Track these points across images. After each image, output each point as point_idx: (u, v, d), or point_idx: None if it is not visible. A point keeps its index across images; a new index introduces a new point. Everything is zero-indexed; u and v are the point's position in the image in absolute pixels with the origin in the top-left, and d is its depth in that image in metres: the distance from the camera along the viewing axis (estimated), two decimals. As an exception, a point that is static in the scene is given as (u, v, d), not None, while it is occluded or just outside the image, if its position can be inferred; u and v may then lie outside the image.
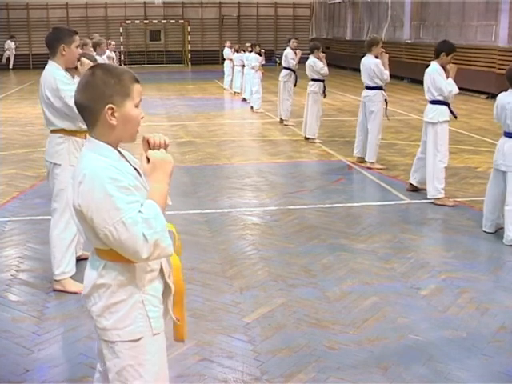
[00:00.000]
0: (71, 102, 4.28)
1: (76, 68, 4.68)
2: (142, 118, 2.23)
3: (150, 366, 2.24)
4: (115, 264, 2.16)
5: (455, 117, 7.01)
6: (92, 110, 2.14)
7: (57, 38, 4.46)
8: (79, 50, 4.60)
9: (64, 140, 4.52)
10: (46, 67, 4.52)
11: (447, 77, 6.67)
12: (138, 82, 2.22)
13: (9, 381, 3.44)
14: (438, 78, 6.66)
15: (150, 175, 2.16)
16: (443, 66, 6.74)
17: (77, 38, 4.51)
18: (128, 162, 2.24)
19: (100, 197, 2.04)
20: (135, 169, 2.25)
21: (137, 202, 2.07)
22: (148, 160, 2.18)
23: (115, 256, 2.14)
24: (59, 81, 4.38)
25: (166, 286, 2.31)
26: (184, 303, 2.35)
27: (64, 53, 4.43)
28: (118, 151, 2.22)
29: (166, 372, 2.38)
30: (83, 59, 4.59)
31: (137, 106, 2.20)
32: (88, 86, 2.15)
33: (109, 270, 2.17)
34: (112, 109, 2.12)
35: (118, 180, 2.06)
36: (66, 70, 4.53)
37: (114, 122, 2.14)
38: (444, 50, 6.75)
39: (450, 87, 6.64)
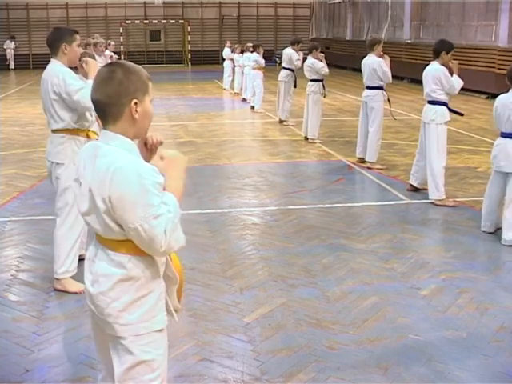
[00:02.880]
0: (76, 97, 4.31)
1: (76, 68, 4.68)
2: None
3: (161, 361, 2.28)
4: (141, 257, 2.19)
5: (461, 114, 7.12)
6: (117, 104, 2.17)
7: (58, 38, 4.47)
8: (81, 49, 4.63)
9: (67, 139, 4.52)
10: (49, 66, 4.51)
11: (451, 74, 6.76)
12: (150, 80, 2.29)
13: (9, 381, 3.44)
14: (446, 77, 6.70)
15: (167, 172, 2.21)
16: (444, 65, 6.79)
17: (78, 37, 4.52)
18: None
19: (136, 191, 2.07)
20: None
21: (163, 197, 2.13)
22: (161, 158, 2.26)
23: (139, 250, 2.17)
24: (66, 76, 4.38)
25: (166, 279, 2.34)
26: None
27: (66, 52, 4.44)
28: None
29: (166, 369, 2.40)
30: (87, 59, 4.59)
31: (150, 102, 2.27)
32: (111, 81, 2.18)
33: (136, 264, 2.19)
34: (136, 104, 2.18)
35: (152, 176, 2.11)
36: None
37: (137, 116, 2.19)
38: (444, 48, 6.78)
39: (457, 84, 6.75)
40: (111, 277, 2.19)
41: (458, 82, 6.76)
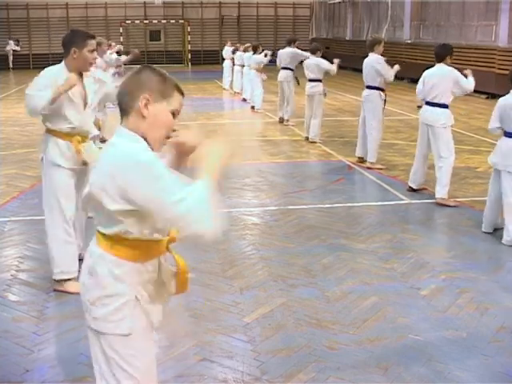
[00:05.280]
0: (26, 100, 4.32)
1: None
2: (174, 130, 2.25)
3: (135, 362, 2.22)
4: (114, 257, 2.17)
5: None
6: (130, 96, 2.18)
7: (70, 41, 4.40)
8: (94, 55, 4.47)
9: (46, 137, 4.52)
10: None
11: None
12: (181, 93, 2.28)
13: (9, 381, 3.44)
14: (462, 77, 6.85)
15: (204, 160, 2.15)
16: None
17: (91, 42, 4.40)
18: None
19: (147, 177, 2.03)
20: None
21: (179, 180, 2.07)
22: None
23: (115, 249, 2.16)
24: (35, 81, 4.37)
25: (162, 286, 2.30)
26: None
27: (75, 56, 4.36)
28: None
29: (154, 372, 2.35)
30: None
31: (173, 115, 2.23)
32: (133, 76, 2.23)
33: (106, 260, 2.17)
34: (147, 99, 2.16)
35: (157, 160, 2.09)
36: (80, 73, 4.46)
37: (145, 112, 2.17)
38: (448, 53, 6.93)
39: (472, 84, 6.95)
40: (86, 268, 2.25)
41: (471, 82, 6.92)
